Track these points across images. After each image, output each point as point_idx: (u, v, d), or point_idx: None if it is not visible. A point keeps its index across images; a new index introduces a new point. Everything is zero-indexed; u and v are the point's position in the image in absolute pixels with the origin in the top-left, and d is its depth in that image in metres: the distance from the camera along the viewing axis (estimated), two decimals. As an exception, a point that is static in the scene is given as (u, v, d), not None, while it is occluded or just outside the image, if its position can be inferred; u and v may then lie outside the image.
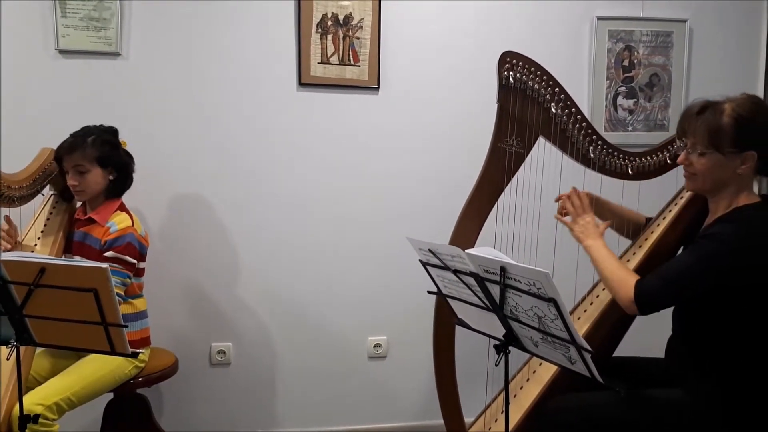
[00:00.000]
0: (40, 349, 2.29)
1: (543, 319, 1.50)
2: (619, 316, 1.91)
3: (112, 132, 2.39)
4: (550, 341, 1.55)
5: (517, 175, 2.08)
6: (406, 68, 2.86)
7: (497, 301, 1.58)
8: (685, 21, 3.01)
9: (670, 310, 1.89)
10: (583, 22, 2.97)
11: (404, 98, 2.87)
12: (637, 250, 2.07)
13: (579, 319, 2.08)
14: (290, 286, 2.88)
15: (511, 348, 1.65)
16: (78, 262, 1.91)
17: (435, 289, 1.84)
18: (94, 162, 2.30)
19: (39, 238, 2.35)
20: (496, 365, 1.65)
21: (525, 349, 1.67)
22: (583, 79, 2.98)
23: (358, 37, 2.79)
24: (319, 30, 2.77)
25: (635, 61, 3.00)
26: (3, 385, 2.02)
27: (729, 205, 1.77)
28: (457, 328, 1.94)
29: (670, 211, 2.09)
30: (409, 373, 2.97)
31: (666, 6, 3.00)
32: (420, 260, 1.78)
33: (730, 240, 1.67)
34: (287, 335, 2.89)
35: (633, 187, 2.13)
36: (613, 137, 2.49)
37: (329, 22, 2.77)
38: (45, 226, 2.38)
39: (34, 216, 2.41)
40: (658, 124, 3.04)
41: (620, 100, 3.01)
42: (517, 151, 2.06)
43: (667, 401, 1.79)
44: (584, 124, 2.05)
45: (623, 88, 3.00)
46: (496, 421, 2.07)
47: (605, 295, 2.04)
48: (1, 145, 2.58)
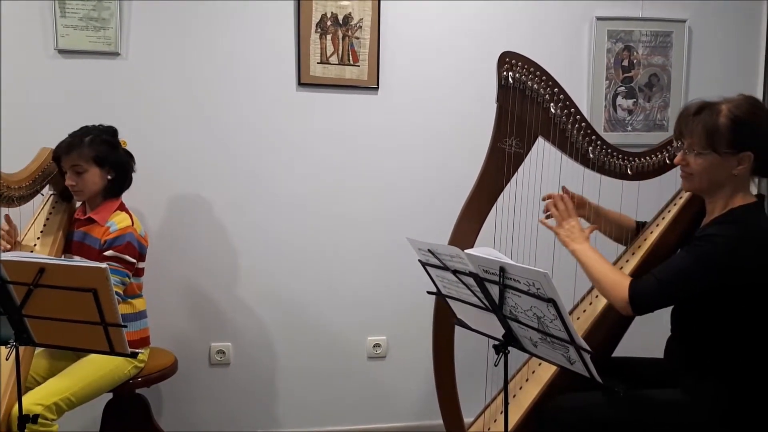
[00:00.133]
0: (39, 350, 2.29)
1: (542, 319, 1.50)
2: (618, 316, 1.91)
3: (111, 132, 2.39)
4: (549, 341, 1.55)
5: (516, 175, 2.08)
6: (406, 68, 2.86)
7: (496, 301, 1.58)
8: (685, 21, 3.01)
9: (669, 311, 1.89)
10: (583, 23, 2.97)
11: (404, 98, 2.87)
12: (637, 250, 2.07)
13: (578, 319, 2.08)
14: (289, 286, 2.88)
15: (510, 348, 1.65)
16: (77, 262, 1.91)
17: (434, 290, 1.85)
18: (92, 162, 2.29)
19: (38, 238, 2.35)
20: (496, 365, 1.65)
21: (524, 350, 1.67)
22: (582, 80, 2.98)
23: (358, 37, 2.79)
24: (319, 30, 2.77)
25: (634, 62, 3.00)
26: (2, 386, 2.02)
27: (725, 206, 1.77)
28: (457, 328, 1.94)
29: (669, 211, 2.09)
30: (409, 373, 2.97)
31: (665, 6, 3.00)
32: (419, 260, 1.78)
33: (725, 241, 1.68)
34: (286, 335, 2.89)
35: (632, 187, 2.13)
36: (613, 137, 2.49)
37: (329, 22, 2.77)
38: (44, 226, 2.38)
39: (34, 216, 2.41)
40: (658, 124, 3.04)
41: (619, 101, 3.01)
42: (517, 151, 2.06)
43: (666, 401, 1.79)
44: (583, 124, 2.05)
45: (622, 88, 3.00)
46: (495, 421, 2.07)
47: (604, 296, 2.04)
48: (1, 145, 2.58)
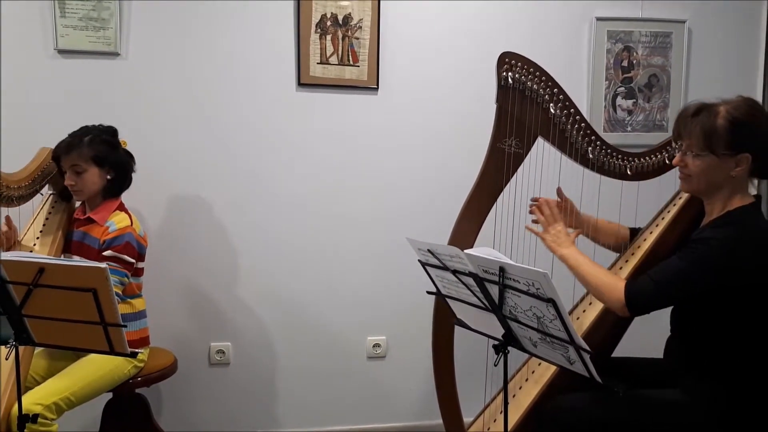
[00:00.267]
0: (38, 349, 2.29)
1: (542, 319, 1.50)
2: (617, 317, 1.90)
3: (110, 132, 2.38)
4: (549, 341, 1.55)
5: (515, 175, 2.08)
6: (406, 68, 2.86)
7: (496, 301, 1.58)
8: (684, 22, 3.01)
9: (669, 311, 1.89)
10: (582, 23, 2.97)
11: (404, 98, 2.87)
12: (636, 250, 2.07)
13: (578, 319, 2.08)
14: (289, 286, 2.88)
15: (510, 348, 1.65)
16: (77, 261, 1.91)
17: (434, 290, 1.85)
18: (91, 162, 2.29)
19: (38, 238, 2.35)
20: (495, 365, 1.65)
21: (524, 350, 1.67)
22: (582, 80, 2.98)
23: (358, 37, 2.79)
24: (319, 30, 2.77)
25: (634, 62, 3.00)
26: (2, 385, 2.02)
27: (724, 207, 1.77)
28: (456, 328, 1.94)
29: (668, 211, 2.09)
30: (408, 373, 2.97)
31: (665, 7, 3.00)
32: (419, 260, 1.78)
33: (720, 244, 1.68)
34: (286, 335, 2.89)
35: (632, 187, 2.13)
36: (612, 138, 2.49)
37: (328, 22, 2.77)
38: (44, 225, 2.38)
39: (33, 216, 2.41)
40: (657, 124, 3.04)
41: (619, 101, 3.01)
42: (516, 151, 2.06)
43: (665, 401, 1.79)
44: (583, 124, 2.05)
45: (622, 89, 3.00)
46: (495, 421, 2.07)
47: (604, 296, 2.04)
48: (1, 145, 2.58)
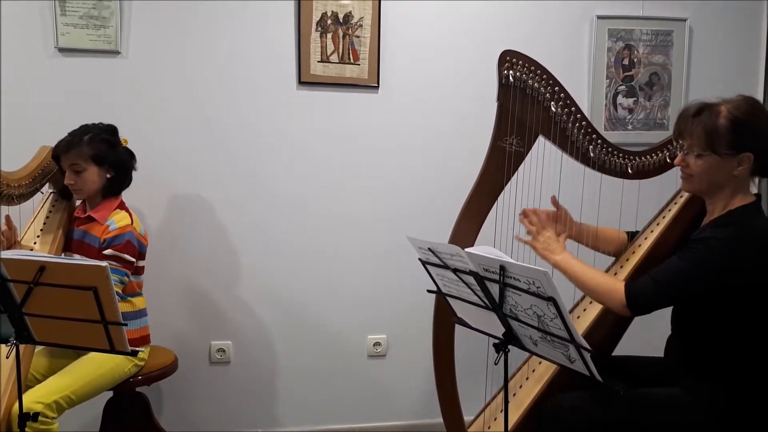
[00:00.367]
0: (39, 348, 2.28)
1: (542, 317, 1.50)
2: (618, 315, 1.90)
3: (110, 130, 2.38)
4: (549, 340, 1.55)
5: (516, 173, 2.08)
6: (406, 67, 2.86)
7: (497, 299, 1.58)
8: (685, 20, 3.00)
9: (670, 310, 1.89)
10: (583, 21, 2.96)
11: (404, 97, 2.87)
12: (637, 249, 2.07)
13: (578, 318, 2.08)
14: (290, 285, 2.88)
15: (510, 347, 1.65)
16: (77, 260, 1.91)
17: (435, 288, 1.84)
18: (90, 161, 2.29)
19: (38, 236, 2.35)
20: (496, 364, 1.65)
21: (524, 348, 1.67)
22: (582, 78, 2.98)
23: (358, 36, 2.79)
24: (319, 28, 2.77)
25: (635, 60, 2.99)
26: (3, 384, 2.02)
27: (725, 207, 1.77)
28: (457, 326, 1.94)
29: (669, 210, 2.09)
30: (409, 372, 2.97)
31: (666, 5, 3.00)
32: (420, 259, 1.78)
33: (721, 244, 1.68)
34: (287, 334, 2.89)
35: (633, 186, 2.13)
36: (613, 136, 2.49)
37: (329, 21, 2.77)
38: (44, 224, 2.38)
39: (34, 214, 2.41)
40: (658, 123, 3.04)
41: (620, 99, 3.00)
42: (517, 149, 2.06)
43: (665, 400, 1.79)
44: (584, 123, 2.05)
45: (623, 87, 3.00)
46: (495, 419, 2.07)
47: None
48: (1, 144, 2.58)
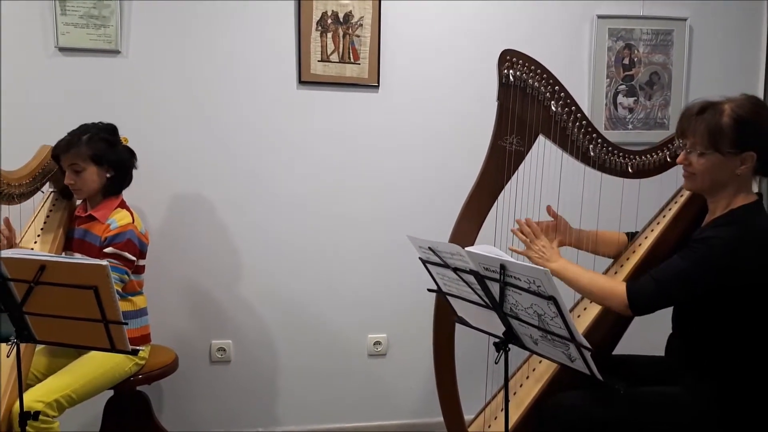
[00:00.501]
0: (40, 347, 2.28)
1: (543, 316, 1.51)
2: (618, 315, 1.90)
3: (110, 130, 2.38)
4: (549, 339, 1.55)
5: (517, 173, 2.08)
6: (406, 67, 2.86)
7: (497, 298, 1.58)
8: (686, 20, 3.00)
9: (670, 309, 1.89)
10: (584, 21, 2.96)
11: (404, 96, 2.87)
12: (637, 248, 2.07)
13: (579, 317, 2.08)
14: (290, 284, 2.88)
15: (510, 346, 1.65)
16: (78, 259, 1.91)
17: (435, 287, 1.85)
18: (89, 160, 2.28)
19: (38, 236, 2.35)
20: (496, 363, 1.65)
21: (525, 347, 1.67)
22: (583, 78, 2.98)
23: (358, 35, 2.79)
24: (319, 28, 2.77)
25: (635, 60, 2.99)
26: (3, 383, 2.02)
27: (727, 206, 1.77)
28: (457, 325, 1.94)
29: (669, 209, 2.09)
30: (409, 371, 2.97)
31: (666, 5, 3.00)
32: (420, 258, 1.78)
33: (722, 243, 1.68)
34: (287, 333, 2.89)
35: (633, 185, 2.13)
36: (613, 135, 2.50)
37: (329, 20, 2.77)
38: (44, 223, 2.38)
39: (34, 213, 2.41)
40: (658, 122, 3.04)
41: (620, 99, 3.00)
42: (517, 149, 2.06)
43: (666, 399, 1.79)
44: (584, 122, 2.05)
45: (623, 87, 3.00)
46: (495, 418, 2.07)
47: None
48: (1, 143, 2.58)
